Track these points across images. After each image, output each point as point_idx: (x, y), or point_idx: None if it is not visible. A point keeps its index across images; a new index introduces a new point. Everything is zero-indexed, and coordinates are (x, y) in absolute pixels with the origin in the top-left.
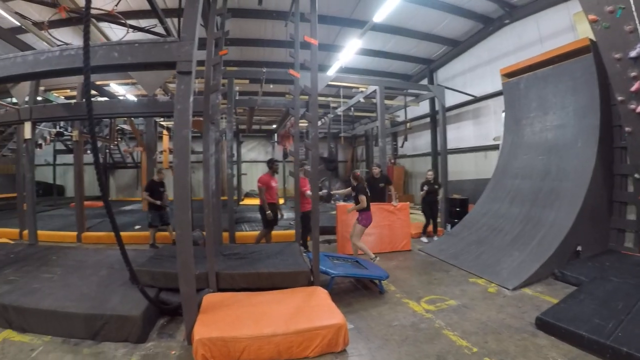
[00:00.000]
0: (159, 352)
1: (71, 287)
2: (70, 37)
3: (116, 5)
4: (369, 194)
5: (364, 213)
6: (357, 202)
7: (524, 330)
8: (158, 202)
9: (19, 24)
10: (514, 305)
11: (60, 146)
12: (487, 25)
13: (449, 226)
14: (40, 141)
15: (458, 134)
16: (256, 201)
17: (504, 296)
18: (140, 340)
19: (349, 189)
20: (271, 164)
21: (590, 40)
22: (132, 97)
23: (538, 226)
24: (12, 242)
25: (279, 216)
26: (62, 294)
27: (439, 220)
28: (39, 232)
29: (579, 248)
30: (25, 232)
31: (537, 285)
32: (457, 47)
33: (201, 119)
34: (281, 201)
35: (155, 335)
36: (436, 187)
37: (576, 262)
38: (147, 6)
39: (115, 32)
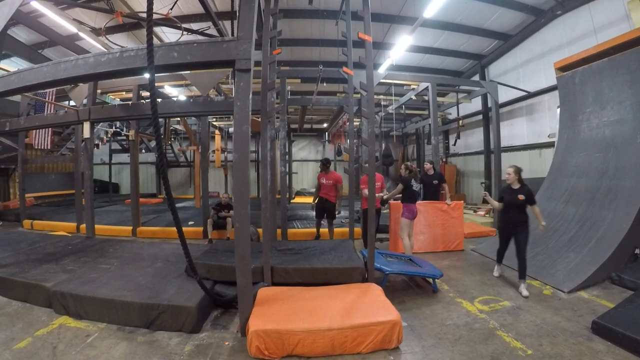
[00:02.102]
0: (212, 343)
1: (128, 278)
2: (124, 42)
3: (171, 9)
4: (414, 188)
5: (406, 205)
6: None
7: (580, 334)
8: (215, 215)
9: (76, 30)
10: (570, 308)
11: (115, 146)
12: (539, 17)
13: None
14: (97, 141)
15: (511, 132)
16: (306, 199)
17: (560, 299)
18: (194, 330)
19: (400, 186)
20: (320, 163)
21: None
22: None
23: (595, 227)
24: (69, 235)
25: (334, 210)
26: (119, 283)
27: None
28: (96, 226)
29: (638, 251)
30: (83, 225)
31: (593, 288)
32: (508, 41)
33: (255, 118)
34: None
35: (209, 326)
36: (521, 197)
37: (634, 266)
38: (197, 11)
39: (167, 36)
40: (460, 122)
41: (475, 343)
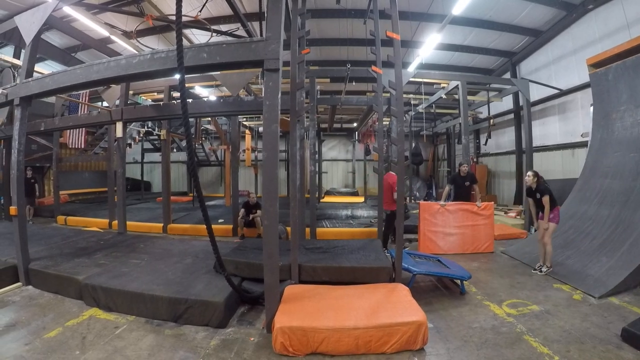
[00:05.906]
0: (238, 338)
1: (157, 273)
2: (154, 44)
3: (200, 12)
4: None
5: (555, 209)
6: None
7: (609, 342)
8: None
9: (108, 34)
10: (600, 314)
11: (147, 145)
12: (570, 12)
13: (532, 228)
14: (129, 141)
15: (543, 131)
16: (335, 199)
17: (590, 304)
18: (221, 325)
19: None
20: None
21: None
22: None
23: (629, 230)
24: (101, 230)
25: None
26: (149, 278)
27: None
28: (128, 222)
29: None
30: (115, 222)
31: (624, 294)
32: (539, 37)
33: (285, 117)
34: (361, 199)
35: (235, 322)
36: None
37: None
38: (226, 12)
39: (197, 38)
40: (491, 121)
41: (502, 347)
